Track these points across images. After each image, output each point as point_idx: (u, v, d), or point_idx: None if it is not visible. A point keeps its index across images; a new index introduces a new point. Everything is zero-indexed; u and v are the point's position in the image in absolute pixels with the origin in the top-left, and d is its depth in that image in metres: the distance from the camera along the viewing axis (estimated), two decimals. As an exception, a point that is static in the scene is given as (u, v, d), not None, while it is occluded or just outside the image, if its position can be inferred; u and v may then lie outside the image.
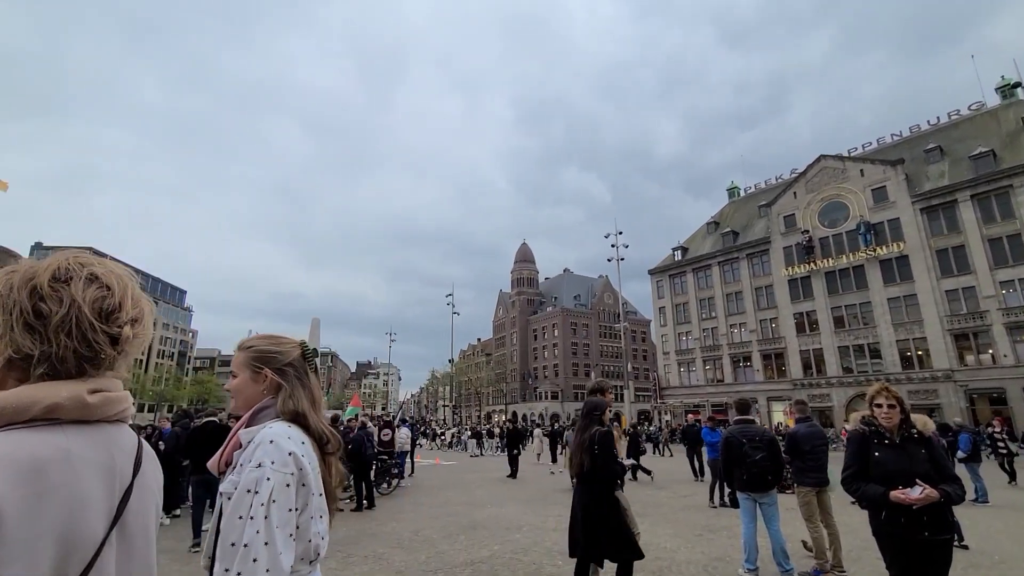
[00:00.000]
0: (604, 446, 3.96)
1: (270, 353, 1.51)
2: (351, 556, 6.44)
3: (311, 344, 1.61)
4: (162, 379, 79.36)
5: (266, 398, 1.47)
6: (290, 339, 1.59)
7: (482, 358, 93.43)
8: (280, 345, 1.54)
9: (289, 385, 1.47)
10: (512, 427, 18.23)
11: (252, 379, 1.48)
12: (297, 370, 1.51)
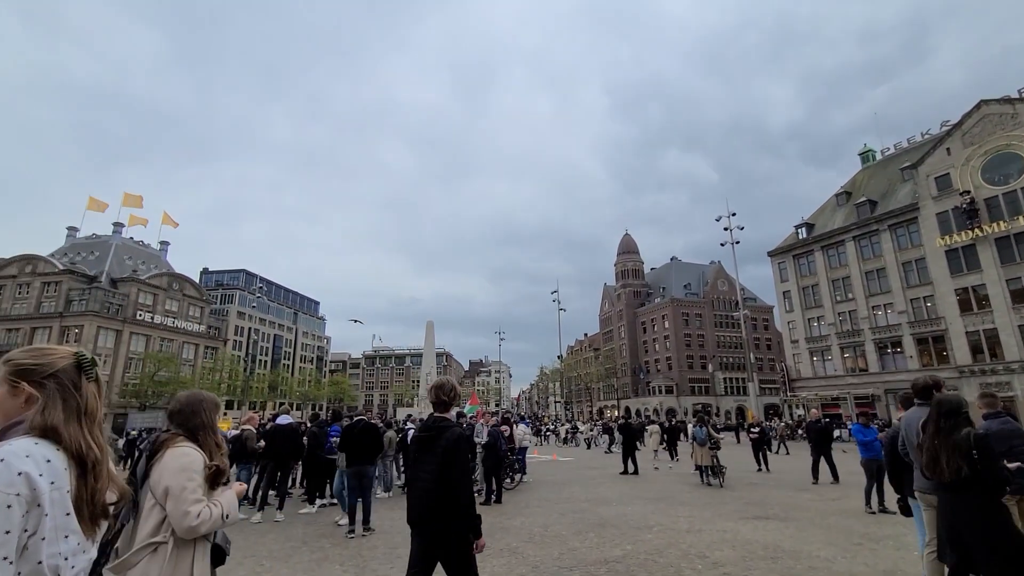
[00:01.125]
0: (985, 449, 3.51)
1: (27, 366, 1.46)
2: (487, 549, 6.70)
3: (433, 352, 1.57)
4: (305, 381, 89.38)
5: (24, 412, 1.42)
6: (58, 350, 1.53)
7: (590, 353, 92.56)
8: (41, 357, 1.49)
9: (45, 398, 1.42)
10: (625, 423, 17.88)
11: (10, 394, 1.43)
12: (61, 382, 1.46)
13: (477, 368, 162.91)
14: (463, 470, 3.24)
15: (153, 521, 2.12)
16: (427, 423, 3.54)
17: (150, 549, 2.06)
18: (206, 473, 2.24)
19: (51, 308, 54.46)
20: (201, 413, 2.41)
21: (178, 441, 2.29)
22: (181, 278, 66.74)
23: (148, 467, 2.24)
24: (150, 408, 49.66)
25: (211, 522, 2.14)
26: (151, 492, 2.17)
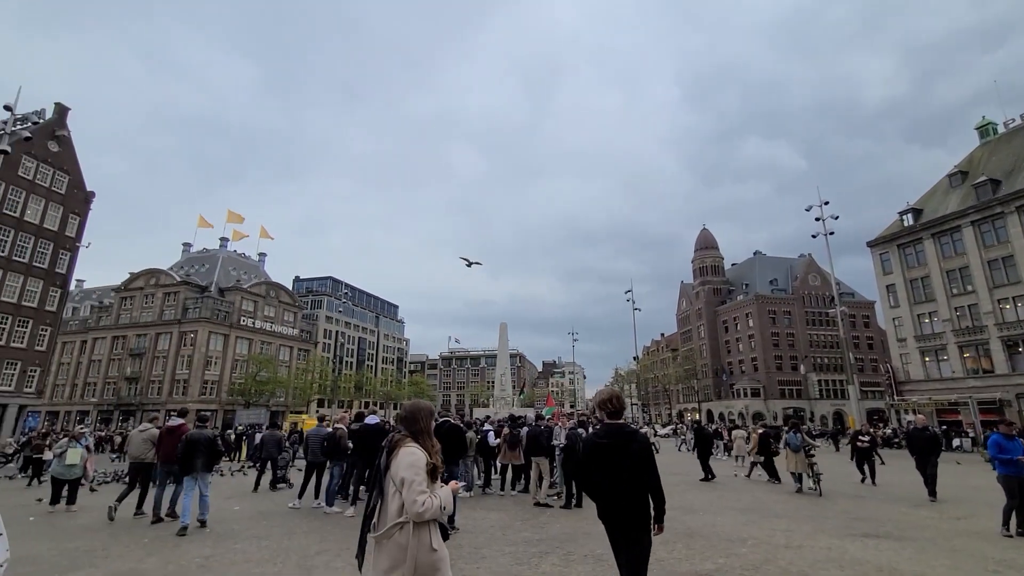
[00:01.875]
0: None
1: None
2: (572, 554, 6.66)
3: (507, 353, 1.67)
4: (387, 381, 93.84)
5: None
6: None
7: (668, 354, 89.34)
8: None
9: None
10: (699, 427, 17.12)
11: None
12: None
13: (550, 369, 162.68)
14: (655, 468, 3.81)
15: (397, 504, 2.74)
16: (611, 431, 3.89)
17: (399, 526, 2.71)
18: (427, 468, 2.80)
19: (171, 315, 61.32)
20: (419, 420, 3.01)
21: (407, 442, 2.90)
22: (277, 286, 72.68)
23: (388, 461, 2.87)
24: (253, 405, 54.34)
25: (432, 510, 2.70)
26: (392, 481, 2.79)
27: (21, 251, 35.52)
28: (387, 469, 2.85)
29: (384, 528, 2.74)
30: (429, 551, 2.71)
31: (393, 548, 2.69)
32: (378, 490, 2.87)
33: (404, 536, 2.68)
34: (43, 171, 37.17)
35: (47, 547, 7.25)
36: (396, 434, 3.02)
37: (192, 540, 7.57)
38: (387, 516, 2.77)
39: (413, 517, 2.67)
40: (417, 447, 2.87)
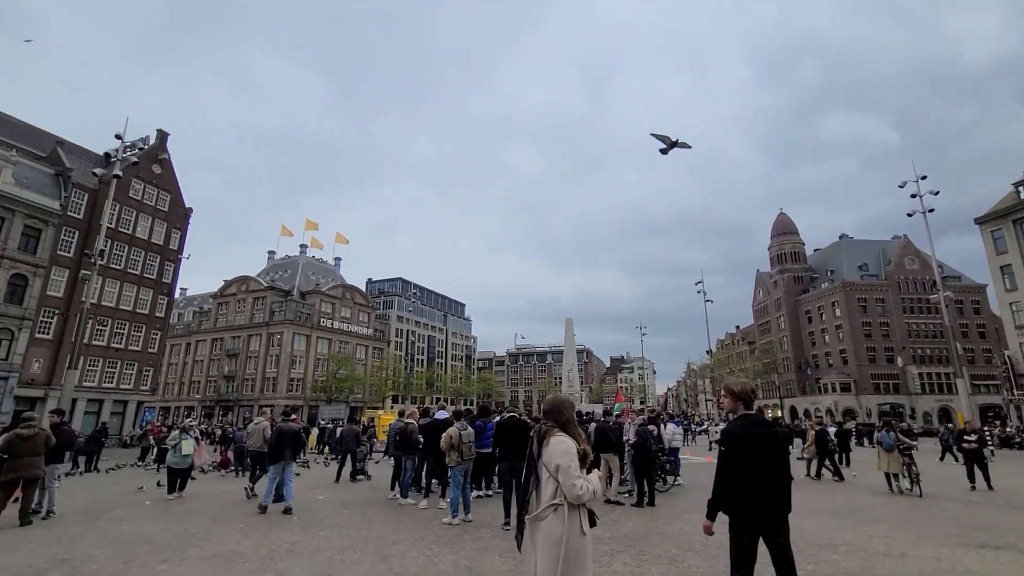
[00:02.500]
0: None
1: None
2: (644, 554, 6.47)
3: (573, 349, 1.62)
4: (456, 378, 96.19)
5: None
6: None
7: (744, 347, 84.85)
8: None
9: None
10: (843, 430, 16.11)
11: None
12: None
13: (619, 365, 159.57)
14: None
15: (551, 488, 2.99)
16: (760, 421, 3.85)
17: (552, 508, 2.95)
18: (579, 455, 3.04)
19: (260, 318, 66.37)
20: (563, 412, 3.25)
21: (555, 432, 3.14)
22: (352, 288, 76.64)
23: (539, 450, 3.14)
24: (334, 401, 57.69)
25: (588, 495, 2.93)
26: (545, 468, 3.05)
27: (134, 264, 39.85)
28: (539, 457, 3.12)
29: (539, 509, 2.98)
30: (579, 535, 2.92)
31: (548, 527, 2.92)
32: (534, 476, 3.13)
33: (558, 518, 2.91)
34: (149, 192, 41.44)
35: (159, 528, 8.08)
36: (542, 426, 3.25)
37: (282, 526, 8.13)
38: (541, 500, 3.01)
39: (573, 499, 2.91)
40: (566, 436, 3.10)
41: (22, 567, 6.00)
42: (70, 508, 9.92)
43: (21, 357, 31.69)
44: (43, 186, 34.33)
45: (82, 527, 8.25)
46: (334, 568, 5.88)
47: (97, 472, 17.84)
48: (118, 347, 38.34)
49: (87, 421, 33.59)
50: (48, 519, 8.84)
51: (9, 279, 31.35)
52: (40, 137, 39.56)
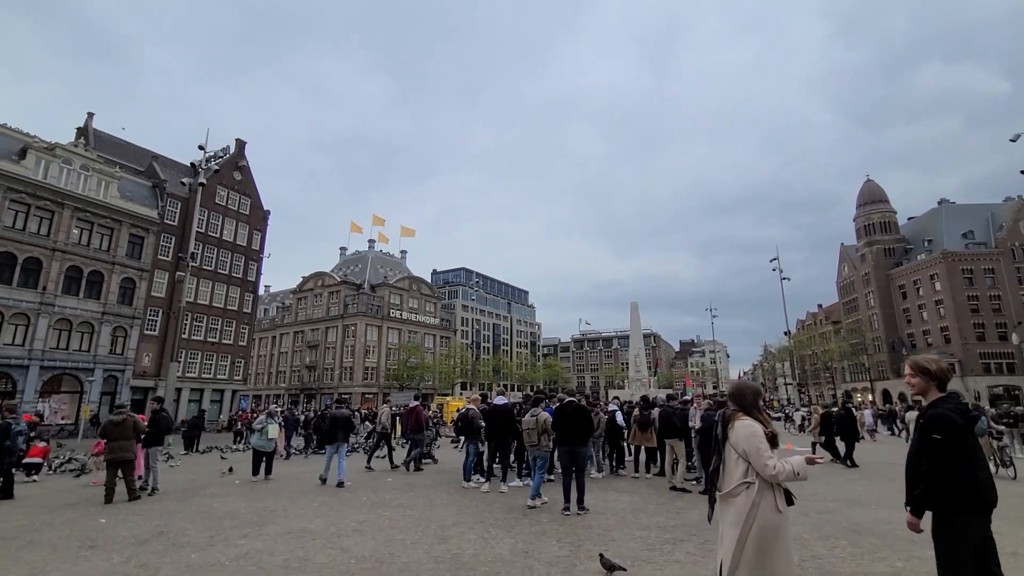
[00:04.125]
0: None
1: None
2: (710, 543, 6.15)
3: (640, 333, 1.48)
4: (522, 364, 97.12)
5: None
6: None
7: (828, 327, 79.07)
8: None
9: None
10: (845, 411, 14.90)
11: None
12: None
13: (689, 349, 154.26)
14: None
15: (741, 469, 3.19)
16: (964, 404, 3.48)
17: (744, 486, 3.15)
18: (768, 436, 3.21)
19: (335, 311, 70.22)
20: (746, 397, 3.42)
21: (740, 416, 3.33)
22: (418, 280, 79.17)
23: (724, 432, 3.36)
24: (406, 388, 60.14)
25: (785, 474, 3.07)
26: (733, 449, 3.27)
27: (223, 265, 43.35)
28: (724, 439, 3.35)
29: (729, 487, 3.22)
30: (774, 511, 3.08)
31: (739, 503, 3.12)
32: (718, 456, 3.40)
33: (750, 495, 3.10)
34: (232, 197, 44.78)
35: (244, 506, 8.76)
36: (726, 410, 3.46)
37: (351, 506, 8.55)
38: (731, 478, 3.24)
39: (768, 479, 3.08)
40: (751, 420, 3.27)
41: (128, 537, 6.71)
42: (172, 486, 11.01)
43: (133, 352, 35.54)
44: (143, 198, 38.04)
45: (179, 503, 9.12)
46: (395, 547, 6.08)
47: (198, 453, 19.72)
48: (213, 341, 42.02)
49: (191, 408, 37.19)
50: (153, 495, 9.86)
51: (120, 283, 35.14)
52: (138, 153, 43.77)
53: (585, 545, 6.09)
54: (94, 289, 33.76)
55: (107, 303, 34.13)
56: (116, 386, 34.34)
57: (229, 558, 5.74)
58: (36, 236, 31.11)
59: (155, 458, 10.46)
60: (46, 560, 5.78)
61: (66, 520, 7.82)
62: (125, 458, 9.27)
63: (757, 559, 3.02)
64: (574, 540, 6.30)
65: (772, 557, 3.04)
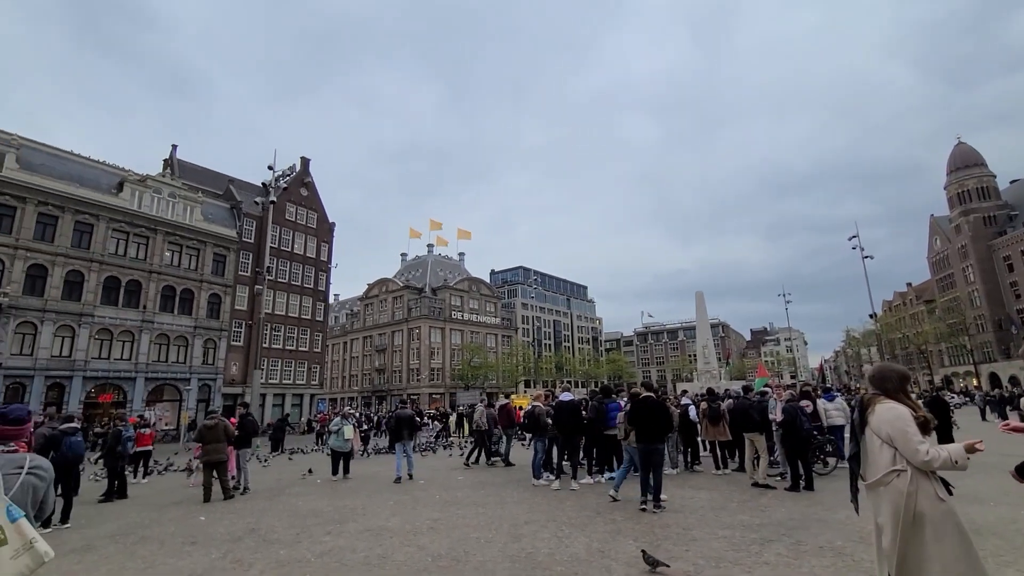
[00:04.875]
0: None
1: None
2: (802, 544, 5.72)
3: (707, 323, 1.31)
4: (584, 360, 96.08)
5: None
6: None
7: (920, 307, 72.35)
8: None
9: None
10: (934, 397, 13.30)
11: None
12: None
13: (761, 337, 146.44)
14: None
15: (887, 455, 2.97)
16: None
17: (895, 474, 2.92)
18: (917, 421, 2.98)
19: (399, 316, 72.63)
20: (889, 380, 3.21)
21: (881, 399, 3.14)
22: (477, 281, 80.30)
23: (864, 417, 3.17)
24: (471, 388, 61.17)
25: (940, 461, 2.82)
26: (875, 435, 3.06)
27: (295, 276, 46.00)
28: (863, 424, 3.16)
29: (876, 476, 2.99)
30: (935, 500, 2.83)
31: (892, 493, 2.90)
32: (855, 442, 3.21)
33: (902, 483, 2.87)
34: (300, 212, 47.41)
35: (326, 504, 9.17)
36: (866, 393, 3.28)
37: (425, 504, 8.73)
38: (877, 466, 3.02)
39: (919, 465, 2.85)
40: (894, 403, 3.07)
41: (224, 534, 7.19)
42: (261, 485, 11.74)
43: (223, 361, 38.46)
44: (223, 219, 41.07)
45: (268, 501, 9.70)
46: (469, 545, 6.11)
47: (283, 454, 20.99)
48: (291, 349, 44.68)
49: (275, 412, 39.76)
50: (245, 494, 10.55)
51: (208, 299, 38.14)
52: (216, 178, 47.31)
53: (664, 545, 5.83)
54: (186, 305, 36.85)
55: (198, 318, 37.15)
56: (209, 393, 37.31)
57: (314, 554, 5.99)
58: (135, 260, 34.39)
59: (245, 459, 11.19)
60: (155, 555, 6.29)
61: (171, 518, 8.52)
62: (219, 459, 9.98)
63: (927, 552, 2.73)
64: (652, 539, 6.06)
65: (945, 550, 2.72)
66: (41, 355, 29.61)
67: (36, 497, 2.50)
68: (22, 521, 2.25)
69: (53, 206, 30.99)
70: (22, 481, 2.42)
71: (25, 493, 2.41)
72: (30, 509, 2.43)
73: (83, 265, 31.90)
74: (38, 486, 2.50)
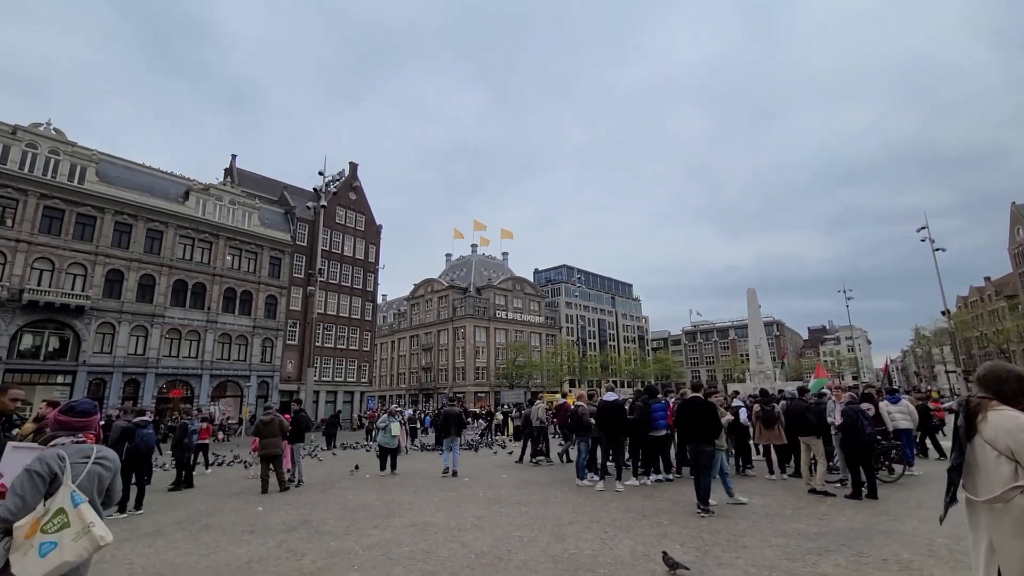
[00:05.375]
0: None
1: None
2: (864, 555, 5.39)
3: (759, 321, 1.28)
4: (630, 360, 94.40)
5: None
6: None
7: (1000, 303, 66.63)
8: None
9: None
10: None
11: None
12: None
13: (820, 336, 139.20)
14: None
15: (1007, 469, 2.55)
16: None
17: (1018, 491, 2.52)
18: None
19: (444, 315, 73.81)
20: (1006, 383, 2.78)
21: (995, 405, 2.71)
22: (521, 280, 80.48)
23: (972, 425, 2.74)
24: (516, 387, 61.39)
25: None
26: (990, 446, 2.63)
27: (345, 278, 47.65)
28: (971, 432, 2.74)
29: (994, 492, 2.59)
30: None
31: (1016, 512, 2.53)
32: (959, 451, 2.78)
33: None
34: (349, 216, 49.07)
35: (374, 498, 9.44)
36: (972, 397, 2.86)
37: (470, 502, 8.83)
38: (993, 481, 2.61)
39: None
40: (1015, 411, 2.64)
41: (279, 524, 7.54)
42: (314, 479, 12.23)
43: (279, 359, 40.35)
44: (278, 224, 43.07)
45: (320, 494, 10.09)
46: (512, 544, 6.12)
47: (337, 448, 21.78)
48: (342, 348, 46.32)
49: (328, 408, 41.32)
50: (299, 487, 11.03)
51: (265, 300, 40.10)
52: (271, 185, 49.68)
53: (713, 551, 5.64)
54: (245, 306, 38.89)
55: (256, 318, 39.13)
56: (267, 390, 39.22)
57: (362, 547, 6.18)
58: (200, 264, 36.61)
59: (299, 453, 11.69)
60: (217, 542, 6.67)
61: (232, 507, 9.01)
62: (274, 453, 10.47)
63: None
64: (700, 545, 5.88)
65: None
66: (119, 353, 32.03)
67: (102, 485, 2.71)
68: (84, 506, 2.47)
69: (128, 215, 33.44)
70: (88, 470, 2.63)
71: (91, 481, 2.63)
72: (96, 496, 2.64)
73: (154, 269, 34.26)
74: (103, 475, 2.71)
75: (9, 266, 28.59)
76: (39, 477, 2.49)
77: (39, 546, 2.32)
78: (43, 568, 2.32)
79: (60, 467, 2.53)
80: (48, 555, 2.32)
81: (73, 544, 2.37)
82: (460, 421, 13.16)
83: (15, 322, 28.45)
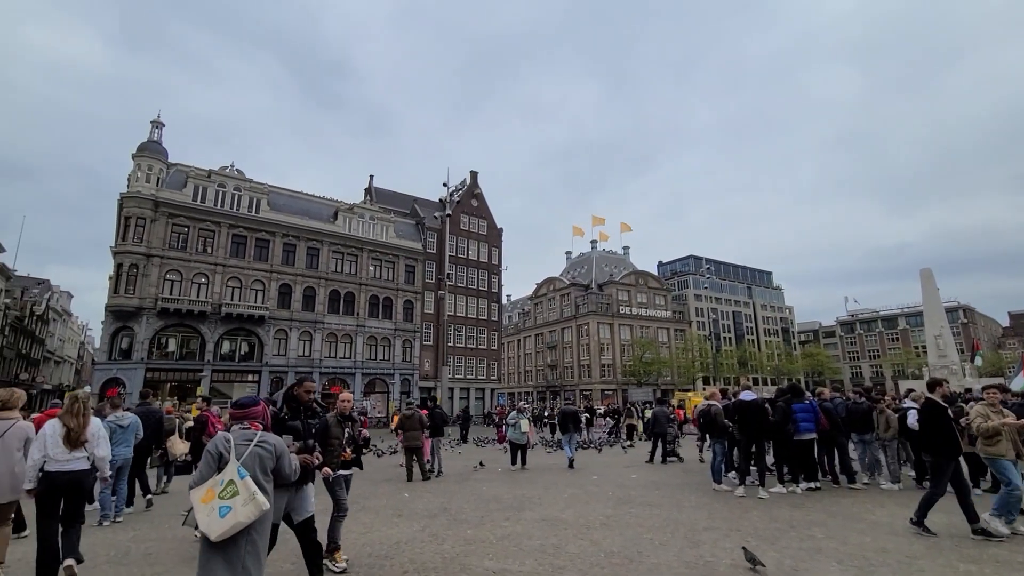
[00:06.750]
0: None
1: None
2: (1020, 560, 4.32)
3: (938, 307, 1.11)
4: (773, 355, 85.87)
5: None
6: None
7: None
8: None
9: None
10: None
11: None
12: None
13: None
14: None
15: None
16: None
17: None
18: None
19: (568, 313, 74.07)
20: None
21: None
22: (644, 274, 77.76)
23: None
24: (644, 384, 59.43)
25: None
26: None
27: (471, 281, 50.32)
28: None
29: None
30: None
31: None
32: None
33: None
34: (472, 222, 51.71)
35: (506, 491, 9.85)
36: None
37: (599, 500, 8.79)
38: None
39: None
40: None
41: (422, 510, 8.24)
42: (451, 470, 13.13)
43: (417, 359, 43.94)
44: (410, 235, 46.93)
45: (457, 485, 10.80)
46: (643, 546, 5.98)
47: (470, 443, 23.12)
48: (471, 347, 48.96)
49: (461, 404, 43.99)
50: (439, 477, 11.93)
51: (403, 305, 43.97)
52: (404, 199, 54.25)
53: (878, 572, 4.95)
54: (387, 311, 43.03)
55: (396, 321, 43.08)
56: (409, 387, 42.95)
57: (495, 537, 6.50)
58: (349, 275, 41.36)
59: (438, 446, 12.64)
60: (372, 522, 7.51)
61: (383, 492, 10.05)
62: (415, 445, 11.46)
63: None
64: (862, 564, 5.19)
65: None
66: (291, 355, 37.49)
67: (263, 465, 3.28)
68: (248, 479, 3.09)
69: (292, 236, 39.01)
70: (250, 451, 3.24)
71: (253, 460, 3.23)
72: (259, 473, 3.23)
73: (314, 282, 39.50)
74: (264, 456, 3.28)
75: (210, 285, 35.02)
76: (210, 455, 3.17)
77: (219, 509, 2.96)
78: (223, 526, 2.92)
79: (226, 448, 3.18)
80: (226, 516, 2.94)
81: (243, 508, 2.98)
82: (576, 418, 14.68)
83: (217, 331, 34.76)
